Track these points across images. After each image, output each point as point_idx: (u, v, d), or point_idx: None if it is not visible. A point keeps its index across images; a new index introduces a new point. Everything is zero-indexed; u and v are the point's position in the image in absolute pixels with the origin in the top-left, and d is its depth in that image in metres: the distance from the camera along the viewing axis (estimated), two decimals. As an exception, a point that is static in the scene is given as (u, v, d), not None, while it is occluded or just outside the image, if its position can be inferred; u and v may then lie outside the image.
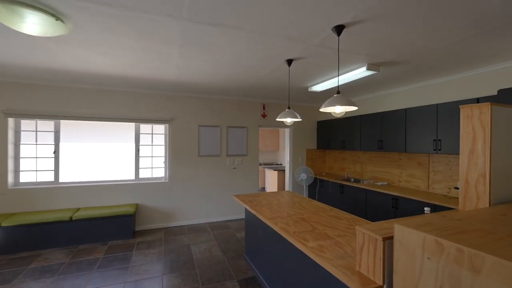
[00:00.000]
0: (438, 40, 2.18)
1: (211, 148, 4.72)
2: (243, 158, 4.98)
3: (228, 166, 4.86)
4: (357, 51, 2.44)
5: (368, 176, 4.62)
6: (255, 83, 3.76)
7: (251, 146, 5.05)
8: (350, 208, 4.30)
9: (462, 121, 1.67)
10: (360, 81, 3.59)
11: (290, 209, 2.49)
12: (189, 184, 4.56)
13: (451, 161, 3.29)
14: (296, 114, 2.65)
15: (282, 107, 5.35)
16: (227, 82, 3.69)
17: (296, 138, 5.50)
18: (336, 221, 2.11)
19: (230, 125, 4.88)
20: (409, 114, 3.52)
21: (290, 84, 3.80)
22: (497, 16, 1.79)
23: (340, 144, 4.87)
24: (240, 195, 3.15)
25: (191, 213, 4.57)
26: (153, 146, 4.52)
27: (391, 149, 3.79)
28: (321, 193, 5.10)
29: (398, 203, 3.42)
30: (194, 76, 3.37)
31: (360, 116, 4.40)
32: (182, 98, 4.51)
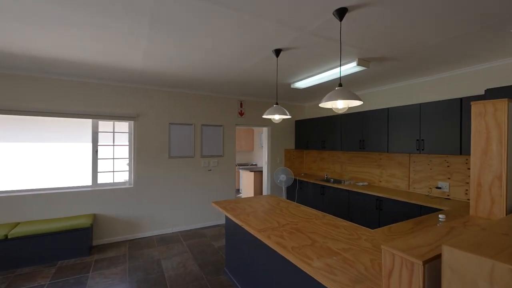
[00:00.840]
0: (435, 35, 2.07)
1: (184, 149, 4.26)
2: (219, 159, 4.60)
3: (203, 168, 4.44)
4: (351, 42, 2.25)
5: (348, 176, 4.55)
6: (235, 78, 3.42)
7: (227, 146, 4.69)
8: (331, 209, 4.18)
9: (474, 118, 1.54)
10: (343, 79, 3.46)
11: (280, 217, 2.21)
12: (159, 189, 4.05)
13: (432, 161, 3.31)
14: (285, 111, 2.38)
15: (260, 105, 5.07)
16: (204, 74, 3.30)
17: (274, 138, 5.27)
18: (334, 231, 1.88)
19: (205, 123, 4.47)
20: (392, 113, 3.48)
21: (272, 80, 3.53)
22: (495, 13, 1.71)
23: (320, 144, 4.75)
24: (220, 202, 2.79)
25: (161, 222, 4.07)
26: (115, 146, 3.93)
27: (373, 149, 3.73)
28: (300, 195, 4.94)
29: (382, 204, 3.35)
30: (165, 65, 2.93)
31: (340, 115, 4.31)
32: (151, 92, 3.99)
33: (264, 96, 4.77)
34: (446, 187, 3.14)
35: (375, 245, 1.61)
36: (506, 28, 1.98)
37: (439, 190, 3.21)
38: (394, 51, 2.43)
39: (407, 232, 1.88)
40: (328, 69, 2.96)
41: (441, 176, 3.21)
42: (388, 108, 3.52)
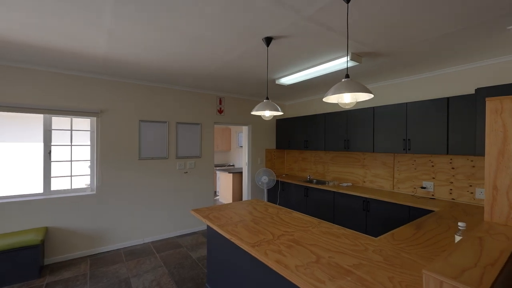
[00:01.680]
0: (435, 29, 1.97)
1: (157, 149, 3.82)
2: (197, 161, 4.22)
3: (179, 171, 4.03)
4: (350, 34, 2.07)
5: (331, 177, 4.46)
6: (217, 70, 3.10)
7: (205, 146, 4.33)
8: (316, 212, 4.03)
9: (489, 116, 1.42)
10: (329, 76, 3.32)
11: (272, 227, 1.96)
12: (127, 194, 3.57)
13: (416, 160, 3.30)
14: (277, 106, 2.13)
15: (241, 102, 4.78)
16: (181, 66, 2.92)
17: (255, 137, 5.01)
18: (336, 241, 1.67)
19: (181, 121, 4.06)
20: (378, 112, 3.42)
21: (256, 74, 3.27)
22: (491, 7, 1.63)
23: (303, 143, 4.60)
24: (201, 210, 2.46)
25: (129, 232, 3.59)
26: (73, 146, 3.37)
27: (358, 149, 3.65)
28: (283, 197, 4.75)
29: (370, 205, 3.27)
30: (135, 51, 2.51)
31: (324, 114, 4.19)
32: (118, 85, 3.50)
33: (246, 92, 4.49)
34: (431, 187, 3.14)
35: (386, 257, 1.43)
36: (501, 25, 1.94)
37: (423, 190, 3.21)
38: (389, 46, 2.31)
39: (412, 238, 1.74)
40: (318, 63, 2.78)
41: (426, 176, 3.20)
42: (374, 107, 3.46)
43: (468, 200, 2.85)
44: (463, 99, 2.65)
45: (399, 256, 1.45)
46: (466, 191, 2.86)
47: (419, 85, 3.29)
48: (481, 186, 2.76)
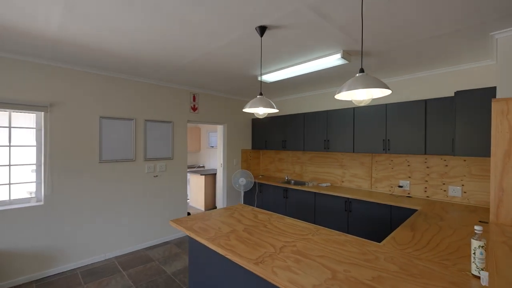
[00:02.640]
0: (424, 30, 1.97)
1: (122, 150, 3.33)
2: (168, 163, 3.81)
3: (147, 174, 3.59)
4: (346, 29, 1.97)
5: (309, 177, 4.42)
6: (195, 62, 2.78)
7: (178, 146, 3.94)
8: (296, 213, 3.95)
9: (495, 117, 1.42)
10: (313, 75, 3.24)
11: (269, 237, 1.76)
12: (85, 204, 3.03)
13: (393, 160, 3.41)
14: (271, 103, 1.93)
15: (216, 100, 4.48)
16: (155, 54, 2.55)
17: (230, 137, 4.75)
18: (343, 250, 1.54)
19: (150, 119, 3.62)
20: (358, 113, 3.45)
21: (237, 69, 3.03)
22: (479, 13, 1.68)
23: (281, 144, 4.49)
24: (182, 220, 2.15)
25: (88, 247, 3.06)
26: (12, 148, 2.75)
27: (338, 149, 3.65)
28: (260, 199, 4.57)
29: (351, 205, 3.27)
30: (97, 33, 2.09)
31: (303, 114, 4.13)
32: (73, 73, 2.94)
33: (223, 89, 4.21)
34: (407, 185, 3.26)
35: (401, 266, 1.33)
36: (485, 31, 2.02)
37: (400, 188, 3.32)
38: (380, 44, 2.28)
39: (414, 242, 1.70)
40: (306, 60, 2.66)
41: (402, 175, 3.32)
42: (354, 108, 3.48)
43: (442, 198, 3.00)
44: (440, 101, 2.77)
45: (413, 264, 1.37)
46: (440, 189, 3.02)
47: (400, 87, 3.39)
48: (453, 184, 2.93)
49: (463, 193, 2.85)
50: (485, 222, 2.15)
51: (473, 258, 1.26)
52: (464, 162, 2.85)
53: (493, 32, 2.02)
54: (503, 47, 2.01)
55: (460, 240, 1.74)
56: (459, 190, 2.87)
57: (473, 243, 1.26)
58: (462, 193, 2.86)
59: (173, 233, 3.88)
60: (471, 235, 1.85)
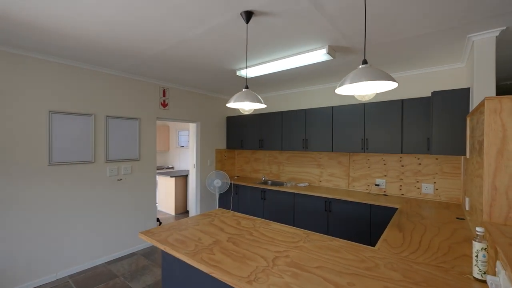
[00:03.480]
0: (411, 28, 1.96)
1: (77, 151, 2.87)
2: (134, 164, 3.41)
3: (110, 178, 3.15)
4: (335, 21, 1.86)
5: (286, 177, 4.33)
6: (167, 51, 2.47)
7: (146, 146, 3.55)
8: (274, 215, 3.82)
9: (488, 115, 1.41)
10: (294, 72, 3.13)
11: (258, 247, 1.57)
12: (30, 214, 2.54)
13: (370, 159, 3.45)
14: (259, 97, 1.74)
15: (189, 95, 4.15)
16: (122, 40, 2.19)
17: (204, 136, 4.46)
18: (340, 258, 1.41)
19: (113, 115, 3.19)
20: (336, 112, 3.42)
21: (216, 60, 2.79)
22: (459, 16, 1.70)
23: (258, 143, 4.33)
24: (154, 231, 1.86)
25: (34, 266, 2.56)
26: None
27: (317, 149, 3.60)
28: (237, 201, 4.36)
29: (331, 205, 3.23)
30: (45, 5, 1.71)
31: (281, 112, 4.02)
32: (13, 58, 2.43)
33: (197, 84, 3.90)
34: (383, 184, 3.32)
35: (403, 274, 1.25)
36: (463, 33, 2.08)
37: (377, 187, 3.37)
38: (367, 41, 2.23)
39: (406, 244, 1.64)
40: (290, 55, 2.52)
41: (378, 173, 3.38)
42: (333, 107, 3.45)
43: (416, 195, 3.10)
44: (416, 102, 2.84)
45: (414, 270, 1.29)
46: (414, 186, 3.12)
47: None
48: (426, 182, 3.04)
49: (435, 190, 2.97)
50: (462, 219, 2.23)
51: (475, 261, 1.22)
52: (436, 160, 2.97)
53: (471, 34, 2.08)
54: (479, 49, 2.08)
55: (447, 240, 1.73)
56: (431, 188, 2.99)
57: (475, 245, 1.22)
58: (434, 190, 2.97)
59: (140, 243, 3.48)
60: (455, 232, 1.88)
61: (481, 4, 1.66)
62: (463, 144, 2.38)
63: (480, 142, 1.68)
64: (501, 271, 1.06)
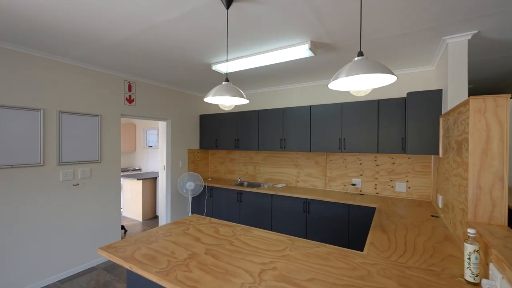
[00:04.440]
0: (391, 27, 1.94)
1: (21, 151, 2.43)
2: (94, 167, 3.02)
3: (64, 183, 2.74)
4: (321, 14, 1.77)
5: (263, 178, 4.21)
6: (134, 37, 2.18)
7: (108, 146, 3.17)
8: (251, 218, 3.66)
9: (472, 115, 1.40)
10: (273, 68, 3.02)
11: (241, 259, 1.40)
12: (-45, 231, 2.06)
13: (346, 159, 3.47)
14: (241, 92, 1.57)
15: (158, 91, 3.82)
16: (78, 22, 1.86)
17: (175, 136, 4.15)
18: (330, 266, 1.31)
19: (67, 110, 2.78)
20: (315, 111, 3.38)
21: (189, 51, 2.56)
22: (435, 18, 1.73)
23: (233, 143, 4.14)
24: (116, 246, 1.59)
25: (-39, 295, 2.09)
26: None
27: (295, 149, 3.53)
28: (211, 204, 4.12)
29: (310, 206, 3.17)
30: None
31: (257, 111, 3.88)
32: None
33: (167, 79, 3.59)
34: (359, 183, 3.36)
35: (398, 281, 1.18)
36: (438, 36, 2.12)
37: (353, 186, 3.39)
38: (347, 40, 2.18)
39: (393, 247, 1.60)
40: (270, 49, 2.39)
41: (355, 173, 3.40)
42: (311, 106, 3.41)
43: (390, 194, 3.17)
44: (391, 102, 2.89)
45: (407, 276, 1.23)
46: (388, 185, 3.19)
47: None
48: (399, 181, 3.12)
49: (407, 189, 3.06)
50: (436, 216, 2.29)
51: (467, 264, 1.18)
52: (409, 159, 3.06)
53: (446, 37, 2.14)
54: (454, 51, 2.14)
55: (430, 239, 1.73)
56: (404, 186, 3.08)
57: (467, 248, 1.19)
58: (407, 188, 3.06)
59: (100, 255, 3.09)
60: (434, 231, 1.89)
61: (456, 8, 1.69)
62: (436, 144, 2.46)
63: (459, 141, 1.70)
64: (497, 274, 1.03)
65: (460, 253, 1.51)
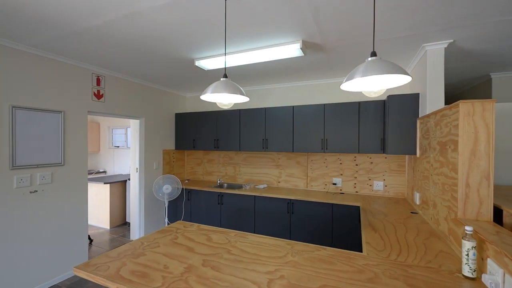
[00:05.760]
0: (382, 31, 2.01)
1: (-37, 154, 2.02)
2: (56, 171, 2.64)
3: (18, 190, 2.35)
4: (319, 13, 1.74)
5: (243, 179, 4.11)
6: (110, 24, 1.94)
7: (73, 147, 2.80)
8: (232, 220, 3.55)
9: (462, 118, 1.48)
10: (259, 67, 2.95)
11: (244, 268, 1.30)
12: None
13: (327, 159, 3.54)
14: (241, 89, 1.46)
15: (131, 86, 3.50)
16: (43, 4, 1.58)
17: (149, 135, 3.85)
18: (337, 270, 1.28)
19: (22, 105, 2.39)
20: (297, 111, 3.39)
21: (168, 45, 2.37)
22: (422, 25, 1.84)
23: (213, 143, 3.98)
24: (98, 265, 1.38)
25: None
26: None
27: (277, 149, 3.50)
28: (189, 208, 3.91)
29: (294, 207, 3.17)
30: None
31: (239, 110, 3.78)
32: None
33: (142, 74, 3.31)
34: (339, 182, 3.45)
35: (406, 282, 1.19)
36: (419, 42, 2.25)
37: (334, 186, 3.48)
38: (339, 41, 2.20)
39: (389, 245, 1.64)
40: (259, 47, 2.31)
41: (335, 173, 3.49)
42: (293, 106, 3.41)
43: (368, 192, 3.31)
44: (371, 104, 3.01)
45: (411, 275, 1.25)
46: (366, 184, 3.32)
47: (336, 88, 3.52)
48: (377, 179, 3.27)
49: (384, 187, 3.22)
50: (415, 213, 2.42)
51: (465, 260, 1.24)
52: (385, 159, 3.22)
53: (425, 44, 2.27)
54: (432, 57, 2.28)
55: (418, 236, 1.81)
56: (381, 184, 3.23)
57: (466, 244, 1.24)
58: (384, 186, 3.23)
59: (67, 270, 2.72)
60: (419, 228, 1.99)
61: (438, 18, 1.79)
62: (413, 144, 2.61)
63: (443, 142, 1.81)
64: (498, 269, 1.09)
65: (448, 248, 1.60)
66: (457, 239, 1.55)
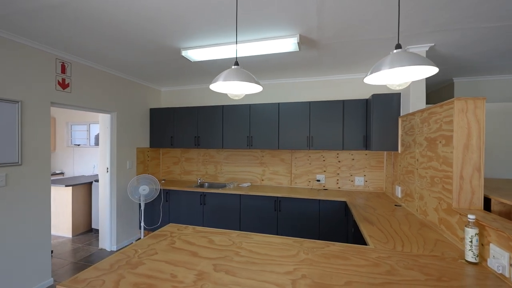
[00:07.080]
0: (374, 31, 2.08)
1: None
2: (11, 172, 2.23)
3: (-38, 196, 1.92)
4: (321, 8, 1.72)
5: (225, 178, 3.97)
6: (78, 0, 1.67)
7: (33, 143, 2.40)
8: (216, 221, 3.40)
9: (456, 115, 1.59)
10: (251, 60, 2.85)
11: (261, 270, 1.22)
12: None
13: (311, 156, 3.59)
14: (255, 78, 1.35)
15: (101, 76, 3.12)
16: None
17: (121, 132, 3.49)
18: (354, 265, 1.27)
19: (-32, 92, 1.96)
20: (283, 109, 3.37)
21: (152, 30, 2.16)
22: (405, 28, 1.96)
23: (193, 141, 3.77)
24: (89, 279, 1.16)
25: None
26: None
27: (262, 146, 3.45)
28: (167, 210, 3.64)
29: (281, 204, 3.15)
30: None
31: (221, 106, 3.64)
32: None
33: (116, 63, 2.97)
34: (323, 179, 3.52)
35: (421, 271, 1.22)
36: (404, 45, 2.38)
37: (318, 182, 3.54)
38: (335, 38, 2.22)
39: (390, 237, 1.69)
40: (254, 39, 2.22)
41: (319, 169, 3.56)
42: (279, 103, 3.39)
43: (350, 188, 3.44)
44: (354, 103, 3.12)
45: (424, 265, 1.29)
46: (348, 180, 3.45)
47: (327, 86, 3.58)
48: (358, 175, 3.41)
49: (365, 182, 3.38)
50: (399, 205, 2.57)
51: (469, 246, 1.32)
52: (366, 155, 3.38)
53: (409, 46, 2.41)
54: (415, 60, 2.43)
55: (412, 227, 1.90)
56: (362, 180, 3.38)
57: (469, 232, 1.32)
58: (364, 182, 3.38)
59: (32, 284, 2.32)
60: (409, 220, 2.09)
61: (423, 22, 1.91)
62: (394, 141, 2.76)
63: (432, 138, 1.93)
64: (504, 253, 1.18)
65: (442, 237, 1.70)
66: (450, 227, 1.66)
